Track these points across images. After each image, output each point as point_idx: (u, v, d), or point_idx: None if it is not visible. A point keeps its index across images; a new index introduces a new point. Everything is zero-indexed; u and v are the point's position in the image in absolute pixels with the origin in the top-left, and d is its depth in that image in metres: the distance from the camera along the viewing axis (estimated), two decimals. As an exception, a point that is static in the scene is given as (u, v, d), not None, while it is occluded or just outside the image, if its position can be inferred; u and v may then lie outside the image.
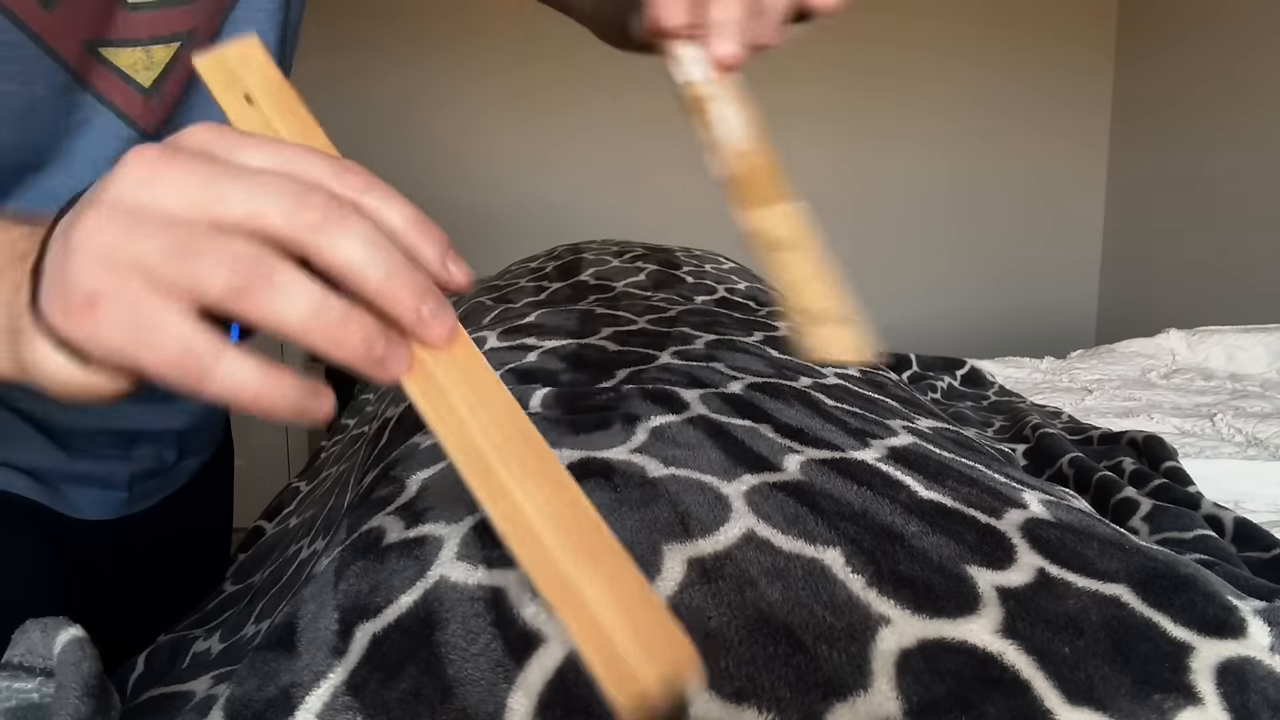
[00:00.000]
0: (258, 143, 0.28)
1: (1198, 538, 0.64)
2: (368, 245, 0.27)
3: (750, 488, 0.40)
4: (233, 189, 0.27)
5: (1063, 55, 2.94)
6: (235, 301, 0.26)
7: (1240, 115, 2.48)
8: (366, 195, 0.28)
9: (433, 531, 0.39)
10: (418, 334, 0.28)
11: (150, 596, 0.69)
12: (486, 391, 0.30)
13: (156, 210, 0.27)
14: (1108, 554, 0.37)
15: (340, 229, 0.27)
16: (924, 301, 2.98)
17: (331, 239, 0.27)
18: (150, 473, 0.67)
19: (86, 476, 0.63)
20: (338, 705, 0.32)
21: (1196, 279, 2.64)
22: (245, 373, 0.27)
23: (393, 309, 0.28)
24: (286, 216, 0.26)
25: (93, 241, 0.27)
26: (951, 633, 0.33)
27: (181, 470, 0.71)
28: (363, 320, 0.27)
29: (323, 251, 0.27)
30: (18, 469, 0.59)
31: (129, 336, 0.26)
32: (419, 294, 0.28)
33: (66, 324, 0.27)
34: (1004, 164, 2.97)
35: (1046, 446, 0.87)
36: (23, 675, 0.38)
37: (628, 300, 0.81)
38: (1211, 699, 0.31)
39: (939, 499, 0.40)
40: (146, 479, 0.67)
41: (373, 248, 0.27)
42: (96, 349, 0.27)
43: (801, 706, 0.30)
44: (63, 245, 0.28)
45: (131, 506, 0.66)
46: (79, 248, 0.27)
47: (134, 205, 0.27)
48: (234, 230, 0.26)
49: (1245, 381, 1.44)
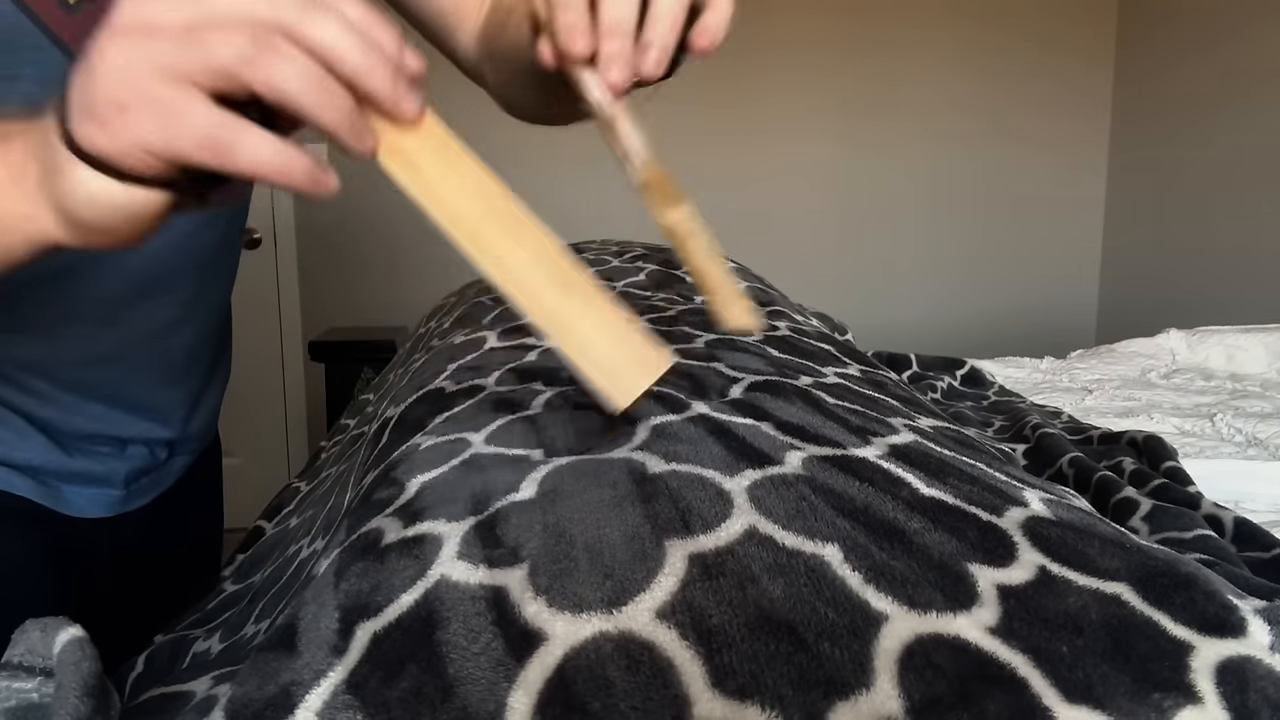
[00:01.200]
0: None
1: (1198, 537, 0.64)
2: (344, 30, 0.31)
3: (752, 483, 0.40)
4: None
5: (1063, 56, 2.94)
6: (245, 69, 0.29)
7: (1240, 115, 2.48)
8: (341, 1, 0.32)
9: (432, 530, 0.39)
10: (394, 110, 0.32)
11: (147, 594, 0.70)
12: (461, 165, 0.33)
13: (161, 20, 0.30)
14: (1108, 552, 0.37)
15: (319, 16, 0.30)
16: (924, 301, 2.98)
17: (312, 24, 0.30)
18: (143, 470, 0.68)
19: (84, 475, 0.64)
20: (338, 704, 0.32)
21: (1196, 279, 2.65)
22: (267, 146, 0.31)
23: (371, 85, 0.31)
24: (270, 7, 0.30)
25: (110, 60, 0.30)
26: (952, 630, 0.33)
27: (172, 467, 0.72)
28: (347, 94, 0.31)
29: (305, 36, 0.30)
30: (17, 468, 0.60)
31: (160, 128, 0.30)
32: (393, 74, 0.32)
33: (102, 135, 0.30)
34: (1004, 164, 2.97)
35: (1046, 446, 0.87)
36: (23, 675, 0.38)
37: (628, 300, 0.81)
38: (1211, 698, 0.31)
39: (940, 496, 0.40)
40: (140, 476, 0.68)
41: (350, 33, 0.31)
42: (133, 150, 0.30)
43: (804, 705, 0.30)
44: (85, 74, 0.31)
45: (127, 504, 0.67)
46: (99, 69, 0.30)
47: (140, 21, 0.30)
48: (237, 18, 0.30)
49: (1245, 381, 1.44)
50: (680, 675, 0.31)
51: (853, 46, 2.83)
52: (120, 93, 0.30)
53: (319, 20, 0.30)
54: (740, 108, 2.79)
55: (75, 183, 0.32)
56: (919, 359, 1.33)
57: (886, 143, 2.89)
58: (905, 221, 2.94)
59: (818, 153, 2.87)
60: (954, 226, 2.97)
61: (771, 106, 2.81)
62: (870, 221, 2.92)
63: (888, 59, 2.86)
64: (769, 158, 2.84)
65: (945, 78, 2.89)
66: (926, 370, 1.31)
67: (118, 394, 0.64)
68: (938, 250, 2.97)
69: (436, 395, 0.60)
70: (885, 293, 2.95)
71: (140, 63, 0.29)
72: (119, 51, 0.30)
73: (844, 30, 2.83)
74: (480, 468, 0.45)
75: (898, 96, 2.88)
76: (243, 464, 1.06)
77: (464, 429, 0.52)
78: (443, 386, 0.61)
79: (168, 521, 0.72)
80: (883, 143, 2.90)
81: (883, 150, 2.90)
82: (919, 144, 2.91)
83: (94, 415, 0.63)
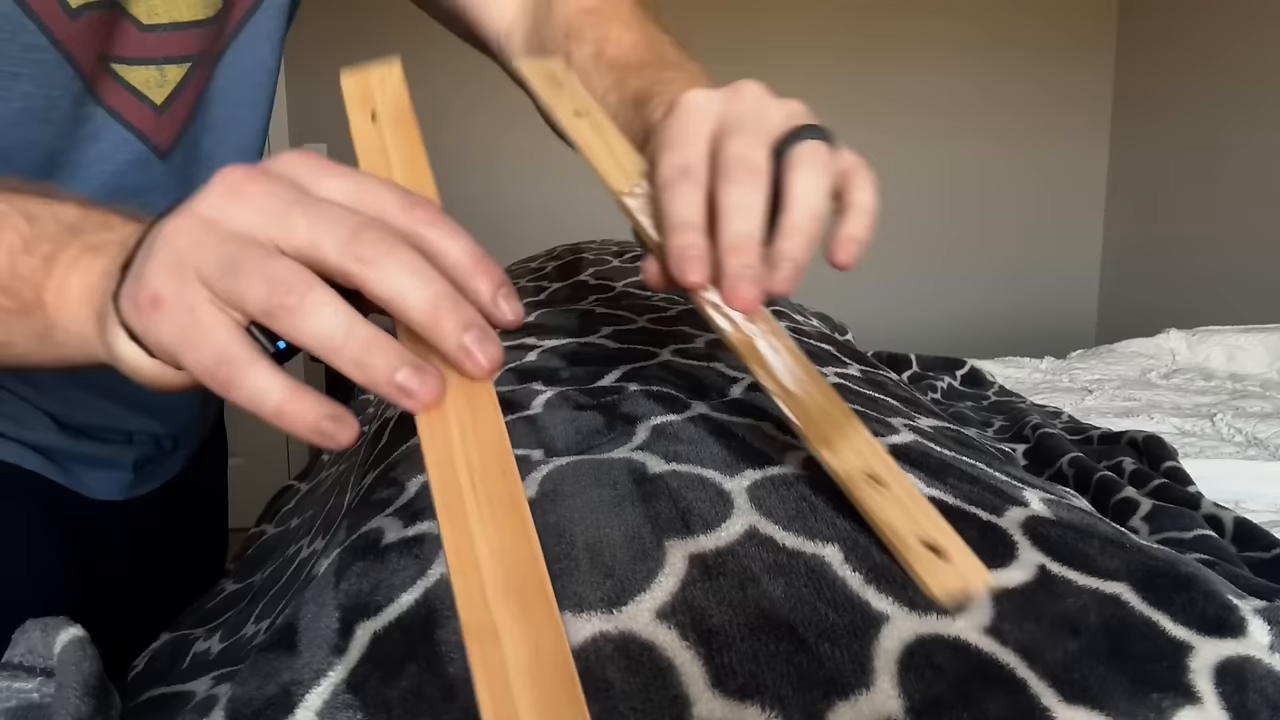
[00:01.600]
0: (341, 174, 0.31)
1: (1198, 538, 0.64)
2: (414, 276, 0.28)
3: (753, 483, 0.40)
4: (299, 217, 0.29)
5: (1063, 56, 2.94)
6: (269, 317, 0.28)
7: (1241, 115, 2.48)
8: (430, 229, 0.30)
9: (432, 529, 0.39)
10: (458, 364, 0.29)
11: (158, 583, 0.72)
12: (484, 419, 0.30)
13: (229, 226, 0.29)
14: (1108, 552, 0.37)
15: (388, 261, 0.28)
16: (924, 301, 2.98)
17: (378, 270, 0.28)
18: (150, 457, 0.70)
19: (93, 458, 0.65)
20: (338, 703, 0.32)
21: (1196, 279, 2.65)
22: (271, 387, 0.29)
23: (434, 337, 0.29)
24: (340, 247, 0.28)
25: (168, 247, 0.30)
26: (952, 630, 0.33)
27: (178, 456, 0.74)
28: (390, 349, 0.28)
29: (369, 281, 0.28)
30: (30, 446, 0.61)
31: (179, 337, 0.29)
32: (463, 325, 0.29)
33: (134, 318, 0.31)
34: (1004, 164, 2.97)
35: (1046, 446, 0.87)
36: (23, 675, 0.38)
37: (628, 300, 0.81)
38: (1210, 698, 0.31)
39: (940, 496, 0.40)
40: (147, 463, 0.69)
41: (419, 279, 0.28)
42: (154, 345, 0.31)
43: (804, 705, 0.30)
44: (148, 246, 0.31)
45: (135, 489, 0.68)
46: (156, 251, 0.30)
47: (210, 218, 0.30)
48: (293, 254, 0.29)
49: (1245, 381, 1.44)
50: (680, 675, 0.31)
51: (853, 47, 2.83)
52: (160, 286, 0.29)
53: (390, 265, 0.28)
54: (740, 108, 2.79)
55: (116, 340, 0.33)
56: (919, 359, 1.33)
57: (886, 143, 2.89)
58: (905, 221, 2.94)
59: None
60: (954, 226, 2.97)
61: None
62: (870, 221, 2.92)
63: (888, 60, 2.86)
64: (769, 158, 2.84)
65: (945, 78, 2.89)
66: (926, 370, 1.30)
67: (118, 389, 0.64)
68: (938, 250, 2.97)
69: (437, 395, 0.60)
70: (885, 293, 2.95)
71: (188, 265, 0.29)
72: (178, 241, 0.30)
73: (844, 31, 2.83)
74: (480, 468, 0.45)
75: (898, 97, 2.88)
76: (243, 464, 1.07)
77: (464, 429, 0.51)
78: (443, 386, 0.61)
79: (176, 508, 0.73)
80: (883, 143, 2.89)
81: (883, 150, 2.90)
82: (919, 144, 2.91)
83: (95, 409, 0.64)
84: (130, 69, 0.53)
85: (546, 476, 0.42)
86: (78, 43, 0.50)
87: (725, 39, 2.74)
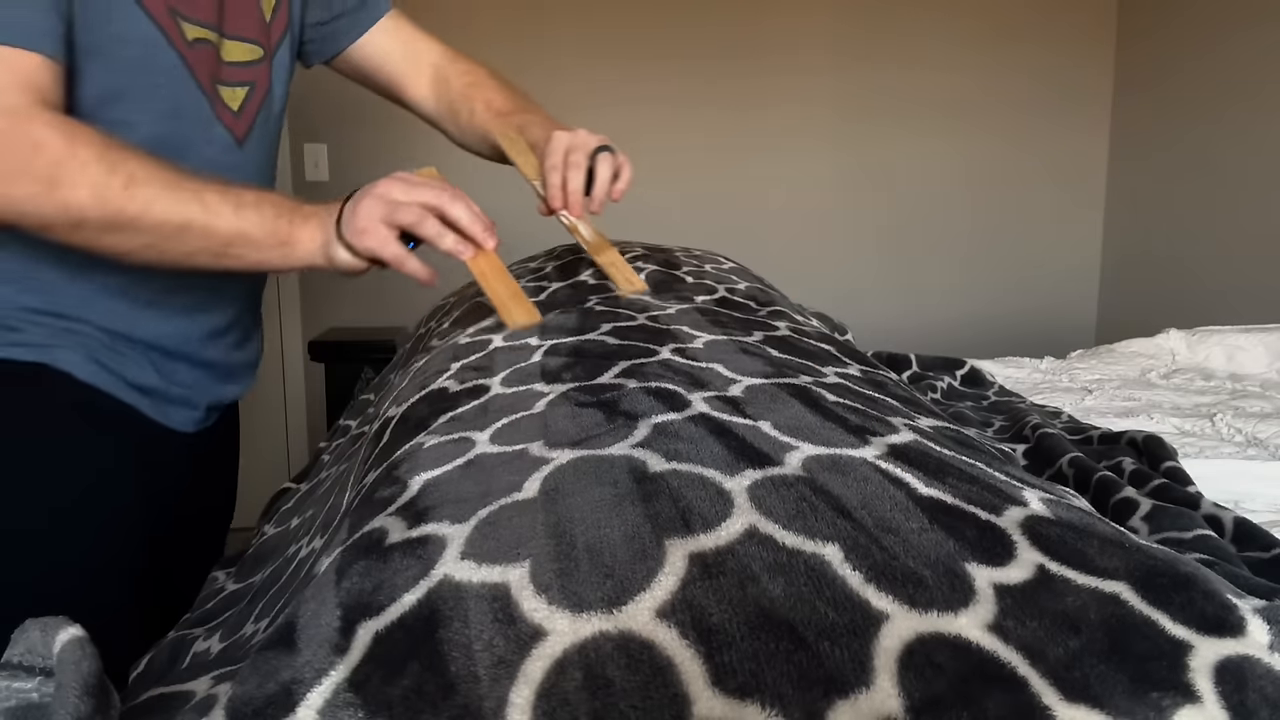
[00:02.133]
0: (426, 182, 0.73)
1: (1198, 537, 0.64)
2: (464, 212, 0.73)
3: (753, 483, 0.40)
4: (417, 193, 0.72)
5: (1063, 56, 2.94)
6: (414, 227, 0.71)
7: (1240, 115, 2.48)
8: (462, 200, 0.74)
9: (436, 531, 0.39)
10: (482, 243, 0.75)
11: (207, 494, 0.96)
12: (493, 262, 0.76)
13: (391, 195, 0.71)
14: (1108, 551, 0.37)
15: (452, 207, 0.73)
16: (924, 302, 2.98)
17: (451, 210, 0.73)
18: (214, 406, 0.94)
19: (181, 399, 0.88)
20: (339, 702, 0.32)
21: (1196, 279, 2.65)
22: (416, 265, 0.73)
23: (471, 232, 0.74)
24: (437, 200, 0.72)
25: (365, 206, 0.71)
26: (952, 629, 0.33)
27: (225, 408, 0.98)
28: (457, 239, 0.73)
29: (446, 214, 0.73)
30: (133, 385, 0.83)
31: (375, 245, 0.71)
32: (483, 231, 0.74)
33: (351, 239, 0.72)
34: (1004, 164, 2.97)
35: (1046, 446, 0.87)
36: (22, 675, 0.38)
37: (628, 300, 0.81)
38: (1210, 697, 0.31)
39: (939, 496, 0.40)
40: (211, 410, 0.94)
41: (467, 213, 0.73)
42: (362, 250, 0.72)
43: (804, 704, 0.30)
44: (353, 207, 0.72)
45: (201, 424, 0.92)
46: (359, 209, 0.71)
47: (381, 193, 0.72)
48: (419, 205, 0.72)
49: (1245, 381, 1.44)
50: (680, 674, 0.31)
51: (853, 47, 2.83)
52: (364, 224, 0.71)
53: (453, 209, 0.73)
54: (741, 108, 2.79)
55: (337, 250, 0.73)
56: (919, 359, 1.33)
57: (887, 143, 2.89)
58: (906, 221, 2.94)
59: (818, 153, 2.87)
60: (954, 226, 2.97)
61: (772, 107, 2.81)
62: (871, 221, 2.92)
63: (889, 60, 2.86)
64: (770, 157, 2.84)
65: (945, 78, 2.89)
66: (926, 370, 1.31)
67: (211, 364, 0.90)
68: (938, 250, 2.97)
69: (440, 395, 0.60)
70: (886, 293, 2.95)
71: (376, 214, 0.71)
72: (369, 203, 0.71)
73: (844, 31, 2.83)
74: (482, 467, 0.45)
75: (898, 97, 2.88)
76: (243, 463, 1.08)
77: (468, 428, 0.52)
78: (446, 386, 0.62)
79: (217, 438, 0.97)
80: (883, 143, 2.90)
81: (883, 150, 2.90)
82: (919, 144, 2.91)
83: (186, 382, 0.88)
84: (224, 87, 0.83)
85: (548, 476, 0.42)
86: (195, 65, 0.79)
87: (729, 38, 2.74)
